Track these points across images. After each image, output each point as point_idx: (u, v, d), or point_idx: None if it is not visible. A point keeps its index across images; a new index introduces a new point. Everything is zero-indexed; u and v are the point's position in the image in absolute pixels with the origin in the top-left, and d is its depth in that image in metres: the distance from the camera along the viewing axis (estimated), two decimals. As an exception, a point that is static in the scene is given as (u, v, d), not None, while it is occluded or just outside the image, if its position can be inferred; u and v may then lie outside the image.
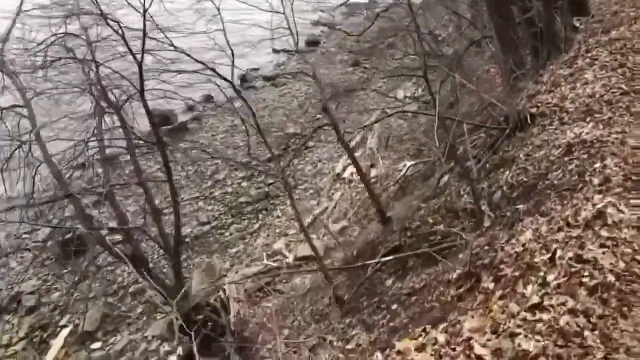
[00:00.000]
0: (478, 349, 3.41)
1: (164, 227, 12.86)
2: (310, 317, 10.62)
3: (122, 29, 10.54)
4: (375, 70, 24.65)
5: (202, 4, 11.41)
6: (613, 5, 12.38)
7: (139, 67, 10.85)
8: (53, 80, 12.57)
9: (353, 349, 6.75)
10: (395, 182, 16.14)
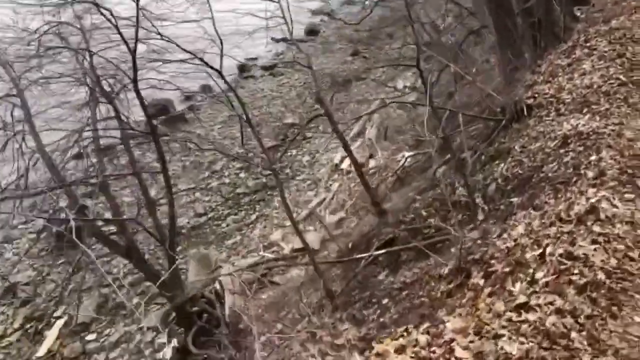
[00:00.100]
0: (459, 352, 3.26)
1: (160, 218, 12.72)
2: (305, 310, 10.50)
3: (114, 18, 10.38)
4: (375, 60, 24.46)
5: (194, -8, 11.24)
6: (615, -6, 12.18)
7: (133, 56, 10.70)
8: (47, 70, 12.45)
9: (342, 345, 6.64)
10: (394, 173, 15.99)
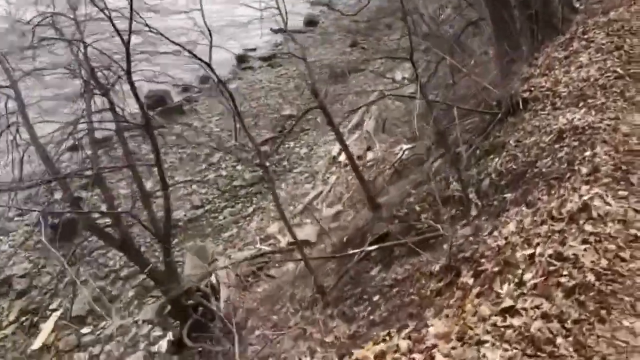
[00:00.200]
0: (440, 359, 3.16)
1: (155, 211, 12.64)
2: (298, 304, 10.43)
3: (108, 9, 10.26)
4: (374, 51, 24.25)
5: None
6: (614, -15, 11.99)
7: (126, 48, 10.61)
8: (40, 61, 12.34)
9: (332, 342, 6.56)
10: (391, 165, 15.88)
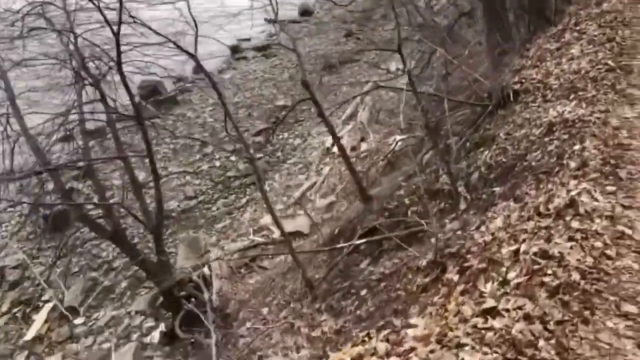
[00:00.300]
0: (417, 363, 3.11)
1: (147, 202, 12.58)
2: (290, 296, 10.40)
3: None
4: (368, 41, 24.08)
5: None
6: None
7: (116, 38, 10.53)
8: (31, 51, 12.22)
9: (318, 337, 6.51)
10: (385, 157, 15.81)
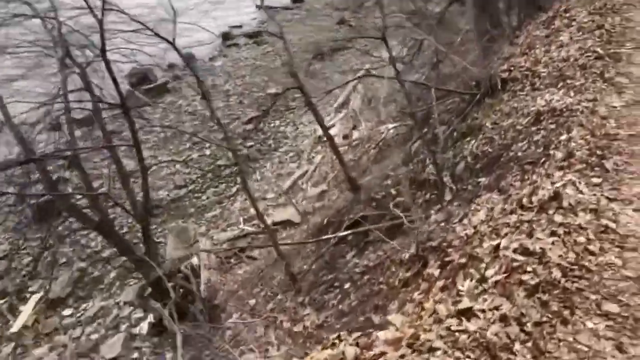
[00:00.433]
0: (386, 369, 2.97)
1: (136, 191, 12.41)
2: (277, 287, 10.27)
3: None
4: (362, 28, 23.76)
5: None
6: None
7: (100, 26, 10.35)
8: (14, 39, 12.01)
9: (300, 332, 6.38)
10: (376, 145, 15.66)
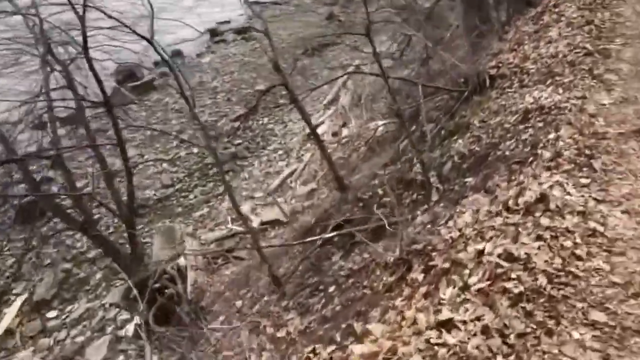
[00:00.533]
0: (359, 386, 2.80)
1: (120, 191, 12.20)
2: (264, 288, 10.08)
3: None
4: (351, 24, 23.56)
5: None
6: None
7: (82, 22, 10.16)
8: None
9: (283, 338, 6.20)
10: (366, 142, 15.48)
